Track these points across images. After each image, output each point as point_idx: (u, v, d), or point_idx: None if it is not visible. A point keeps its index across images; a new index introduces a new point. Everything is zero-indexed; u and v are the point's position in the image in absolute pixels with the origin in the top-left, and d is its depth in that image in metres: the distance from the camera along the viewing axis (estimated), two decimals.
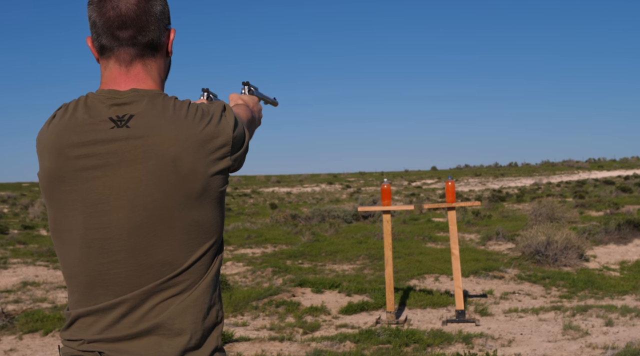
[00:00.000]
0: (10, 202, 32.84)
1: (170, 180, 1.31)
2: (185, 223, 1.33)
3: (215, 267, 1.39)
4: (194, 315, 1.35)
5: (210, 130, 1.35)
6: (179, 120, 1.33)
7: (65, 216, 1.35)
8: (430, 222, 16.66)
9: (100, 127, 1.33)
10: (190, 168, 1.31)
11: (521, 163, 75.26)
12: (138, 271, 1.33)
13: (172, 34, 1.46)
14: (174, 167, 1.30)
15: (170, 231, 1.33)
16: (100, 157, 1.32)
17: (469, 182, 50.58)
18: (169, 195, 1.31)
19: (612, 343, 5.42)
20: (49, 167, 1.35)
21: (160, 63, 1.44)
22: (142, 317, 1.33)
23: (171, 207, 1.32)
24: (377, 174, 68.78)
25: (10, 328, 6.58)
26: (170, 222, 1.33)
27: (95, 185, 1.32)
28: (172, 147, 1.31)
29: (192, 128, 1.33)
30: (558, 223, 12.64)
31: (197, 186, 1.33)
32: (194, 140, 1.32)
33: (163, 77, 1.46)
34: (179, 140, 1.31)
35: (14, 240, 13.89)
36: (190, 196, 1.32)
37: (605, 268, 9.77)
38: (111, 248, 1.33)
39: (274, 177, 67.63)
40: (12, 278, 9.49)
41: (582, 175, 52.19)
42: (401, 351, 5.50)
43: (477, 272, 9.12)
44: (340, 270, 9.88)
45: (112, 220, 1.32)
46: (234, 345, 5.75)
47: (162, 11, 1.42)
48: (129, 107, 1.35)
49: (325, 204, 24.57)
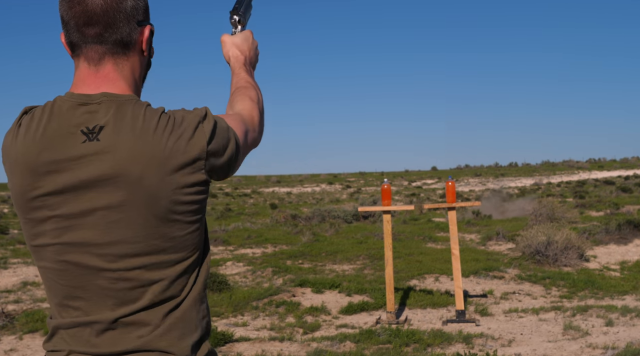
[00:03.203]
0: (10, 201, 32.85)
1: (137, 199, 1.26)
2: (158, 242, 1.29)
3: (200, 283, 1.35)
4: (180, 331, 1.31)
5: (179, 146, 1.26)
6: (146, 134, 1.26)
7: (40, 232, 1.31)
8: (431, 222, 16.66)
9: (71, 141, 1.27)
10: (155, 187, 1.25)
11: (521, 163, 75.37)
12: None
13: (146, 31, 1.36)
14: (140, 185, 1.25)
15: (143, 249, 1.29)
16: (72, 174, 1.26)
17: (469, 182, 50.58)
18: (139, 214, 1.27)
19: (612, 343, 5.42)
20: (21, 184, 1.30)
21: (134, 62, 1.36)
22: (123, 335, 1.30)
23: (142, 225, 1.27)
24: (377, 174, 68.79)
25: (10, 328, 6.58)
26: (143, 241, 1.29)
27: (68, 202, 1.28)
28: (138, 165, 1.25)
29: (159, 144, 1.25)
30: (558, 223, 12.64)
31: (163, 204, 1.26)
32: (160, 158, 1.25)
33: (137, 78, 1.38)
34: (145, 157, 1.25)
35: (14, 240, 13.89)
36: (157, 215, 1.27)
37: (605, 268, 9.77)
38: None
39: (274, 177, 67.65)
40: (12, 278, 9.49)
41: (583, 175, 52.20)
42: (401, 351, 5.50)
43: (477, 272, 9.12)
44: (341, 270, 9.88)
45: (86, 237, 1.28)
46: (234, 345, 5.75)
47: (134, 7, 1.33)
48: (99, 116, 1.28)
49: (325, 204, 24.58)
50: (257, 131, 1.52)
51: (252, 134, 1.49)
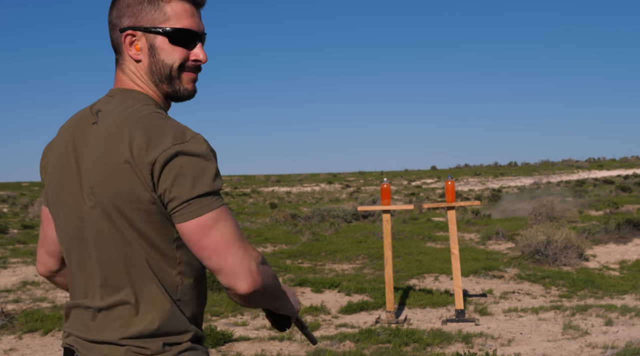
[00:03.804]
0: (10, 201, 32.84)
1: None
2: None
3: (168, 280, 1.40)
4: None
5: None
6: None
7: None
8: (430, 222, 16.66)
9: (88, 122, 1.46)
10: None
11: (521, 162, 75.40)
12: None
13: (126, 37, 1.47)
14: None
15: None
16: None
17: (468, 182, 50.58)
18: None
19: (612, 343, 5.42)
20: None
21: (131, 66, 1.49)
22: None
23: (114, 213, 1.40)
24: (377, 174, 68.80)
25: (10, 327, 6.57)
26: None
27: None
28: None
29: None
30: (558, 222, 12.64)
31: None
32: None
33: (142, 80, 1.48)
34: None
35: (13, 239, 13.88)
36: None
37: (605, 267, 9.77)
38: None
39: (273, 176, 67.65)
40: (11, 277, 9.48)
41: (582, 174, 52.21)
42: (401, 350, 5.50)
43: (476, 272, 9.12)
44: (340, 270, 9.88)
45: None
46: (233, 345, 5.75)
47: (118, 15, 1.47)
48: (108, 102, 1.47)
49: (325, 204, 24.58)
50: (246, 261, 1.33)
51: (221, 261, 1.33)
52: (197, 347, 1.43)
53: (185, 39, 1.46)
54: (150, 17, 1.45)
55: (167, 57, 1.46)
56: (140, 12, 1.45)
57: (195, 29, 1.48)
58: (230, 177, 68.59)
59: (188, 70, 1.49)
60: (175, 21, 1.45)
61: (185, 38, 1.46)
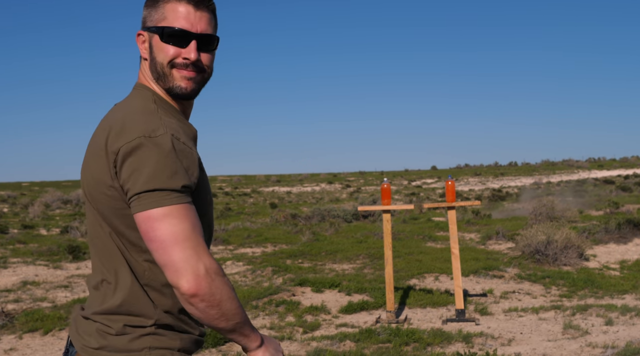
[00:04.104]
0: (10, 201, 32.84)
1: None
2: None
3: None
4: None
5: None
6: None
7: None
8: (430, 222, 16.66)
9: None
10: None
11: (521, 162, 75.39)
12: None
13: (137, 38, 1.59)
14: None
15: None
16: None
17: (468, 182, 50.57)
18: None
19: (612, 342, 5.42)
20: None
21: (143, 64, 1.60)
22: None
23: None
24: (377, 173, 68.80)
25: (10, 327, 6.58)
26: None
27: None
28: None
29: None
30: (558, 222, 12.64)
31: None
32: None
33: (146, 76, 1.58)
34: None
35: (14, 239, 13.88)
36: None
37: (605, 267, 9.77)
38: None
39: (274, 176, 67.64)
40: (12, 277, 9.49)
41: (582, 174, 52.19)
42: (401, 350, 5.50)
43: (477, 271, 9.12)
44: (340, 270, 9.88)
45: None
46: (233, 345, 5.75)
47: (142, 17, 1.59)
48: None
49: (325, 203, 24.58)
50: (192, 264, 1.32)
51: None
52: (162, 333, 1.45)
53: (177, 38, 1.51)
54: (152, 18, 1.54)
55: (158, 55, 1.53)
56: (149, 14, 1.55)
57: (188, 28, 1.51)
58: (230, 176, 68.57)
59: (179, 68, 1.53)
60: (170, 21, 1.52)
61: (176, 36, 1.51)
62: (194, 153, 1.43)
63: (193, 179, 1.39)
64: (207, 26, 1.54)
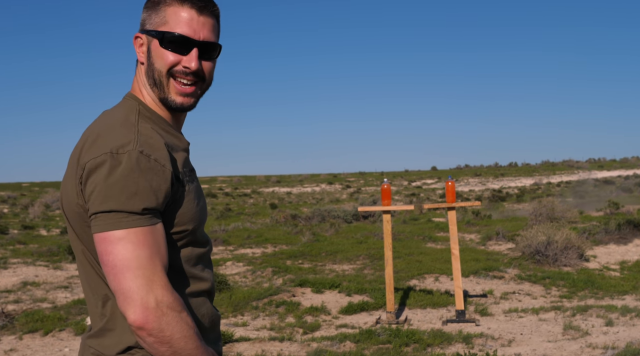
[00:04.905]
0: (10, 202, 32.84)
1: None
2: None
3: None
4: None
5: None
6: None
7: None
8: (430, 222, 16.65)
9: None
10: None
11: (521, 163, 75.41)
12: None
13: (135, 40, 1.50)
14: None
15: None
16: None
17: (469, 182, 50.57)
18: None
19: (612, 343, 5.42)
20: None
21: (139, 68, 1.52)
22: None
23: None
24: (377, 174, 68.80)
25: (10, 328, 6.58)
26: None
27: None
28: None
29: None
30: (558, 223, 12.63)
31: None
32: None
33: (140, 80, 1.50)
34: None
35: (14, 240, 13.89)
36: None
37: (605, 268, 9.77)
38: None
39: (274, 177, 67.64)
40: (12, 278, 9.49)
41: (582, 174, 52.18)
42: (401, 351, 5.50)
43: (477, 272, 9.12)
44: (340, 270, 9.88)
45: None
46: (234, 345, 5.75)
47: (141, 19, 1.51)
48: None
49: (325, 204, 24.57)
50: (142, 296, 1.24)
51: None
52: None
53: (177, 44, 1.42)
54: (152, 21, 1.44)
55: (157, 61, 1.44)
56: (149, 16, 1.46)
57: (190, 34, 1.42)
58: (230, 177, 68.57)
59: (179, 77, 1.44)
60: (171, 25, 1.42)
61: (176, 43, 1.42)
62: (166, 170, 1.31)
63: (159, 199, 1.29)
64: (210, 33, 1.45)
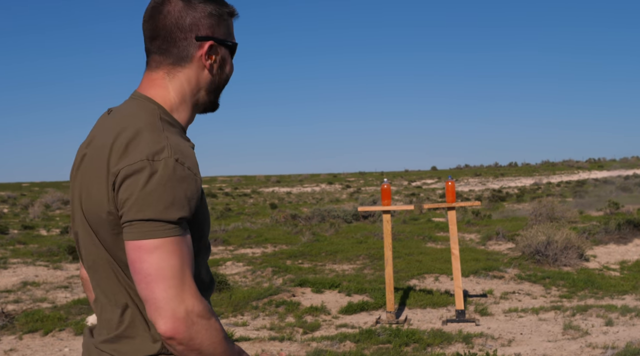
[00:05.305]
0: (10, 202, 32.85)
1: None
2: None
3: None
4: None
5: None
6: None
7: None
8: (430, 222, 16.66)
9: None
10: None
11: (521, 163, 75.43)
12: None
13: (205, 46, 1.45)
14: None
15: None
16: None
17: (469, 182, 50.58)
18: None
19: (612, 343, 5.42)
20: None
21: (189, 74, 1.46)
22: None
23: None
24: (377, 174, 68.81)
25: (10, 328, 6.58)
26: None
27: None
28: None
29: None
30: (558, 223, 12.64)
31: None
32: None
33: (189, 90, 1.46)
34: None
35: (14, 240, 13.89)
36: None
37: (605, 268, 9.77)
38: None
39: (274, 177, 67.64)
40: (12, 278, 9.49)
41: (582, 175, 52.20)
42: (401, 351, 5.50)
43: (477, 272, 9.12)
44: (340, 270, 9.88)
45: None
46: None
47: (193, 23, 1.44)
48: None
49: (325, 204, 24.57)
50: (173, 305, 1.25)
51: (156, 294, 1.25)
52: None
53: (234, 54, 1.55)
54: (224, 30, 1.49)
55: (229, 70, 1.53)
56: (218, 24, 1.48)
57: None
58: (230, 177, 68.59)
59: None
60: (233, 37, 1.52)
61: (234, 53, 1.54)
62: (197, 179, 1.32)
63: (192, 209, 1.30)
64: None
